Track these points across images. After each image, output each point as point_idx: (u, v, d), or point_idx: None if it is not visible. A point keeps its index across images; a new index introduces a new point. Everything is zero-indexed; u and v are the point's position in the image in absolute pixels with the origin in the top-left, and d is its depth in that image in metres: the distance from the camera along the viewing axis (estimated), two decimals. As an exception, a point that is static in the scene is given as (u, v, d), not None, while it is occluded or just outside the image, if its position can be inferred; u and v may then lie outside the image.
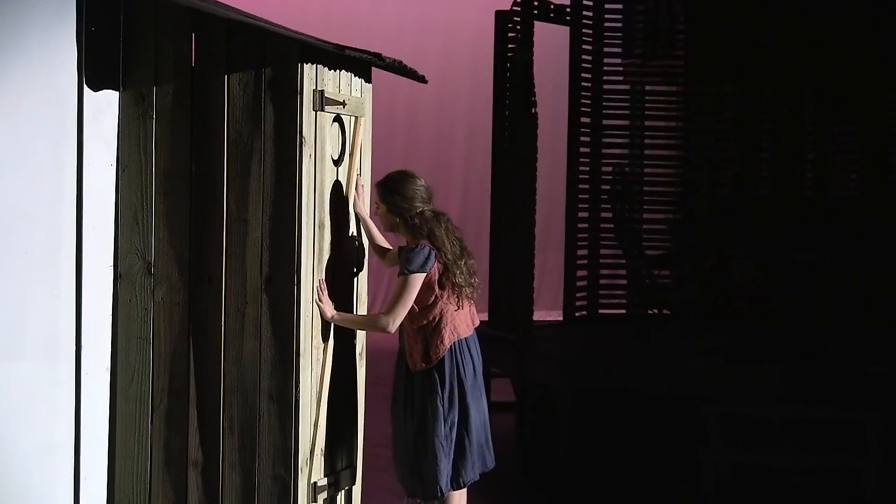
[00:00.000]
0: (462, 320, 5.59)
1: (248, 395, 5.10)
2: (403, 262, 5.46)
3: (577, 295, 10.73)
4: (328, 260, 5.32)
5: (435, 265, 5.48)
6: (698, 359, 8.59)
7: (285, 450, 5.08)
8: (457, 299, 5.55)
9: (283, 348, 5.07)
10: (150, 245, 5.17)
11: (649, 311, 10.15)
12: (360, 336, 5.68)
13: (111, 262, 5.18)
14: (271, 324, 5.07)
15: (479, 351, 5.69)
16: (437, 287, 5.50)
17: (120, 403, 5.21)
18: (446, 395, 5.53)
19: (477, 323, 5.71)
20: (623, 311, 10.88)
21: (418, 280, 5.44)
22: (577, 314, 10.72)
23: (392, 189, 5.55)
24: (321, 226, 5.25)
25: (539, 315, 10.62)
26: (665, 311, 10.18)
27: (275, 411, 5.08)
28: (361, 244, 5.67)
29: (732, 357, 8.68)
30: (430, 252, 5.47)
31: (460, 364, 5.56)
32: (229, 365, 5.12)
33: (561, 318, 11.04)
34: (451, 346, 5.54)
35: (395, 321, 5.43)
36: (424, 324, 5.53)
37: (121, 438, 5.21)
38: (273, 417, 5.08)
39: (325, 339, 5.32)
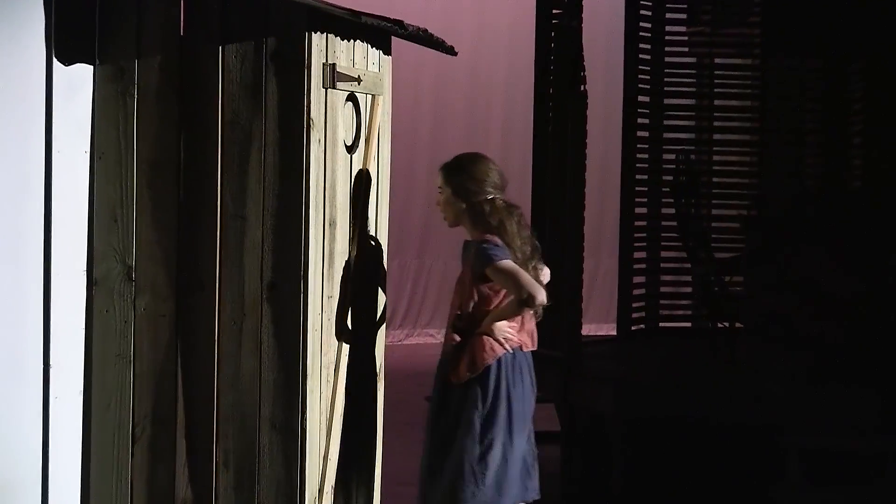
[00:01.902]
0: (517, 331, 5.59)
1: (246, 424, 5.10)
2: (479, 258, 5.43)
3: (634, 305, 10.71)
4: (341, 266, 5.31)
5: None
6: (777, 382, 8.55)
7: (290, 487, 5.09)
8: None
9: (287, 368, 5.07)
10: (130, 246, 5.17)
11: (719, 325, 10.10)
12: (379, 353, 5.67)
13: (84, 267, 5.19)
14: (274, 339, 5.07)
15: (533, 377, 5.66)
16: (501, 293, 5.49)
17: (95, 433, 5.21)
18: (485, 412, 5.50)
19: (535, 345, 5.68)
20: (688, 325, 10.85)
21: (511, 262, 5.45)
22: (633, 328, 10.70)
23: (460, 168, 5.55)
24: (332, 224, 5.25)
25: (589, 329, 10.61)
26: (738, 325, 10.13)
27: (277, 442, 5.08)
28: (380, 246, 5.66)
29: (818, 380, 8.64)
30: (502, 247, 5.44)
31: (509, 380, 5.54)
32: (224, 387, 5.12)
33: (615, 333, 11.02)
34: (499, 359, 5.52)
35: (537, 289, 5.41)
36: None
37: (96, 474, 5.22)
38: (275, 449, 5.08)
39: (338, 356, 5.31)
